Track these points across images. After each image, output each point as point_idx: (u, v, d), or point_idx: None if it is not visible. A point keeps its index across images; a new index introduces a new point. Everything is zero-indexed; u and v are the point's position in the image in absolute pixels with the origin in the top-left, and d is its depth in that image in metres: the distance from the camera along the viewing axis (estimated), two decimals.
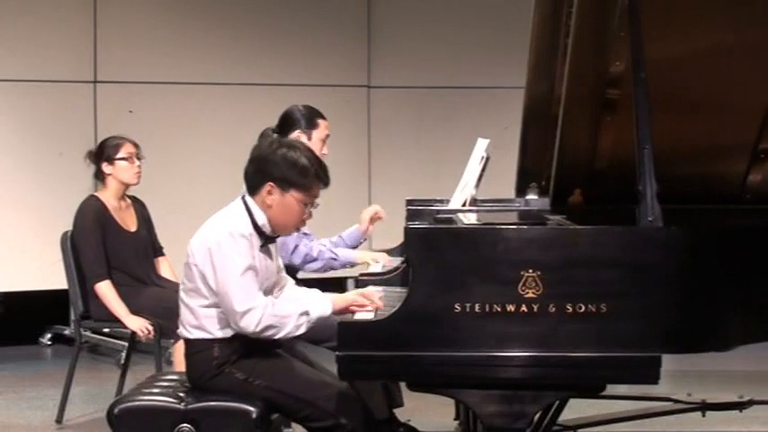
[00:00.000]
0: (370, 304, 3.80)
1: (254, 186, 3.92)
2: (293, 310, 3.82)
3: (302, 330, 3.82)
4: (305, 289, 4.15)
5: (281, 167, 3.87)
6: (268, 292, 3.94)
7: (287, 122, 5.04)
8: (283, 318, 3.80)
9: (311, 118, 5.05)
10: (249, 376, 3.86)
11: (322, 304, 3.85)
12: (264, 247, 3.93)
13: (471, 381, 3.52)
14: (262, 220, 3.90)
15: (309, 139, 4.92)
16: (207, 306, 3.87)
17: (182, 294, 3.96)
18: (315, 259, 4.96)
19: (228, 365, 3.86)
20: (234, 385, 3.87)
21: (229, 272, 3.79)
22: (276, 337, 3.82)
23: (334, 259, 5.02)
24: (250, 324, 3.77)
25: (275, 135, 4.88)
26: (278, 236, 4.01)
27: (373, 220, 5.20)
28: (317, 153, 4.84)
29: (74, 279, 5.68)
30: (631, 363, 3.47)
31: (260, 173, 3.90)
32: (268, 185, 3.88)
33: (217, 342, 3.87)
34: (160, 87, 7.93)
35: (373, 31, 8.39)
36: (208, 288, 3.85)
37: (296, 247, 4.92)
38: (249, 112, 7.63)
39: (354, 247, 5.17)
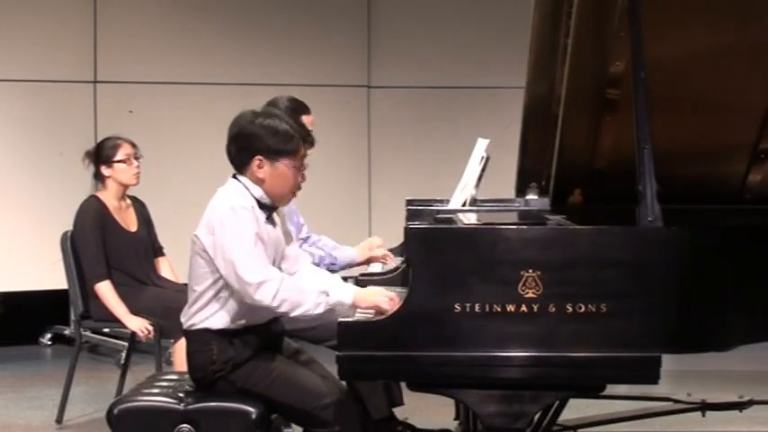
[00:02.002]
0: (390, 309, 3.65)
1: (241, 164, 3.85)
2: (313, 287, 3.75)
3: (320, 310, 3.71)
4: (326, 272, 4.11)
5: (265, 139, 3.81)
6: (276, 262, 3.88)
7: None
8: (302, 292, 3.72)
9: (295, 114, 5.01)
10: (245, 385, 3.83)
11: (344, 290, 3.77)
12: (269, 219, 3.88)
13: (471, 381, 3.52)
14: (258, 193, 3.83)
15: None
16: (213, 295, 3.80)
17: (190, 285, 3.89)
18: (316, 265, 4.94)
19: (225, 373, 3.83)
20: (232, 392, 3.85)
21: (237, 245, 3.71)
22: (294, 313, 3.72)
23: (334, 263, 5.00)
24: (266, 296, 3.68)
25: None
26: (278, 206, 3.95)
27: (372, 260, 4.99)
28: None
29: (74, 279, 5.67)
30: (631, 363, 3.47)
31: (244, 149, 3.83)
32: (256, 160, 3.81)
33: (215, 340, 3.82)
34: (160, 87, 7.92)
35: (373, 31, 8.38)
36: (214, 273, 3.78)
37: None
38: None
39: (343, 269, 5.06)
